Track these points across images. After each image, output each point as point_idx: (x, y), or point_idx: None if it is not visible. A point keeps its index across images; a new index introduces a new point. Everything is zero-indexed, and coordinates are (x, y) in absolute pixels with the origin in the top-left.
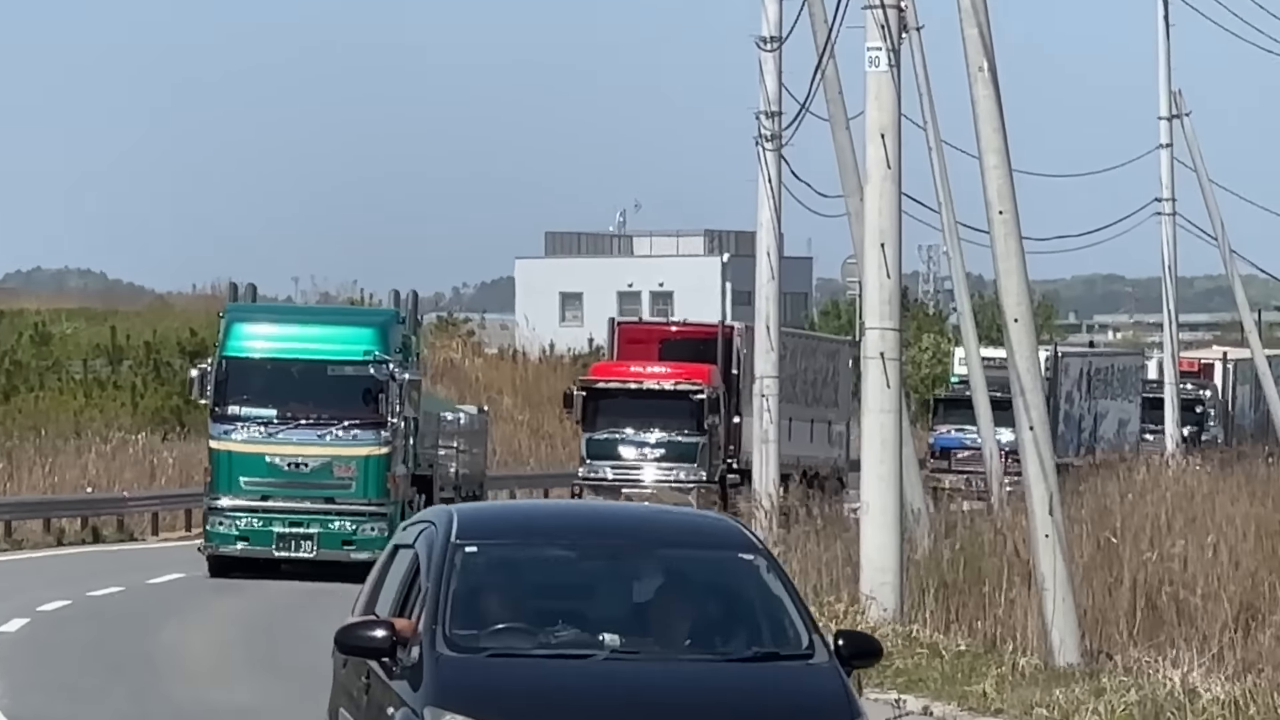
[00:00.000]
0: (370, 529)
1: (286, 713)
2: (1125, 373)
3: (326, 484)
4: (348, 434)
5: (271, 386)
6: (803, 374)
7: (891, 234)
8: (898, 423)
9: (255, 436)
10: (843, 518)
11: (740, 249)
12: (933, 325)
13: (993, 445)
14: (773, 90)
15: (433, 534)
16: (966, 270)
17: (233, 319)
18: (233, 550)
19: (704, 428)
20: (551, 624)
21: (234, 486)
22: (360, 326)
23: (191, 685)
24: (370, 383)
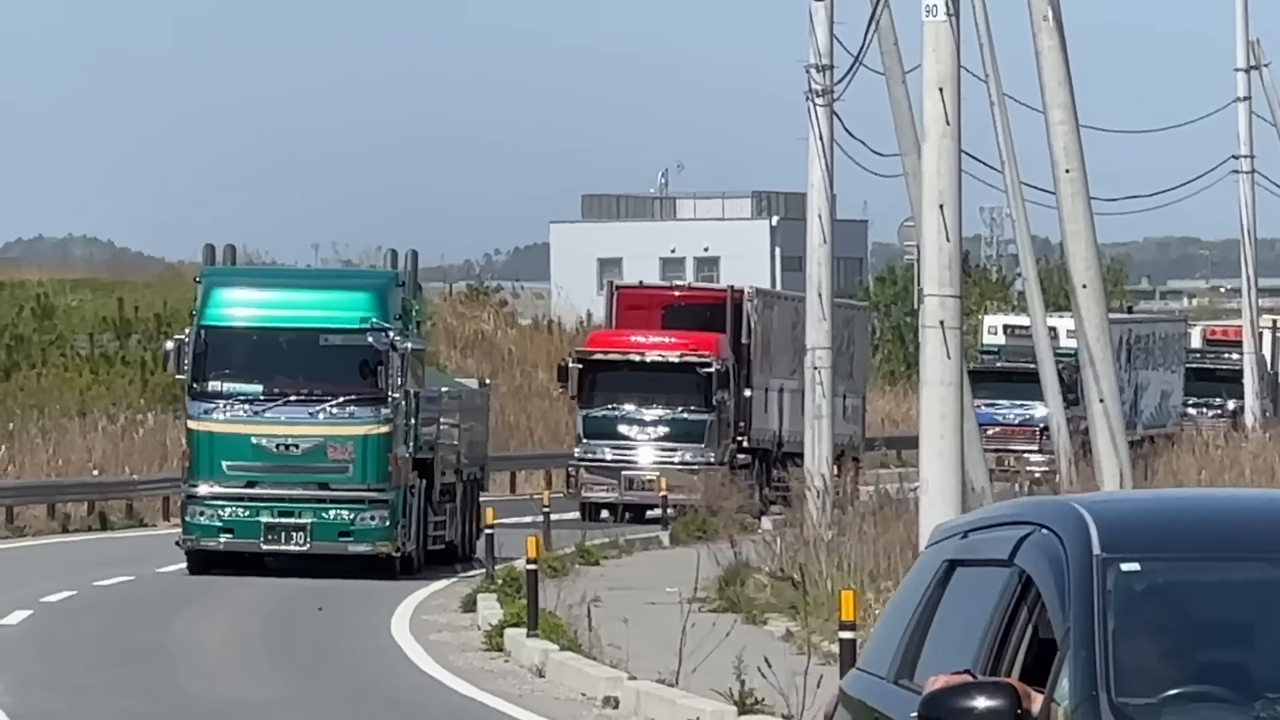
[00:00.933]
0: (370, 518)
1: (303, 706)
2: (1167, 341)
3: (320, 468)
4: (343, 411)
5: (256, 359)
6: None
7: (951, 195)
8: (958, 395)
9: (239, 415)
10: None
11: (790, 211)
12: (996, 292)
13: (1061, 419)
14: (824, 42)
15: (1048, 542)
16: (1031, 233)
17: (211, 284)
18: (214, 544)
19: (712, 404)
20: (1267, 688)
21: (215, 472)
22: (356, 290)
23: (205, 679)
24: (368, 353)
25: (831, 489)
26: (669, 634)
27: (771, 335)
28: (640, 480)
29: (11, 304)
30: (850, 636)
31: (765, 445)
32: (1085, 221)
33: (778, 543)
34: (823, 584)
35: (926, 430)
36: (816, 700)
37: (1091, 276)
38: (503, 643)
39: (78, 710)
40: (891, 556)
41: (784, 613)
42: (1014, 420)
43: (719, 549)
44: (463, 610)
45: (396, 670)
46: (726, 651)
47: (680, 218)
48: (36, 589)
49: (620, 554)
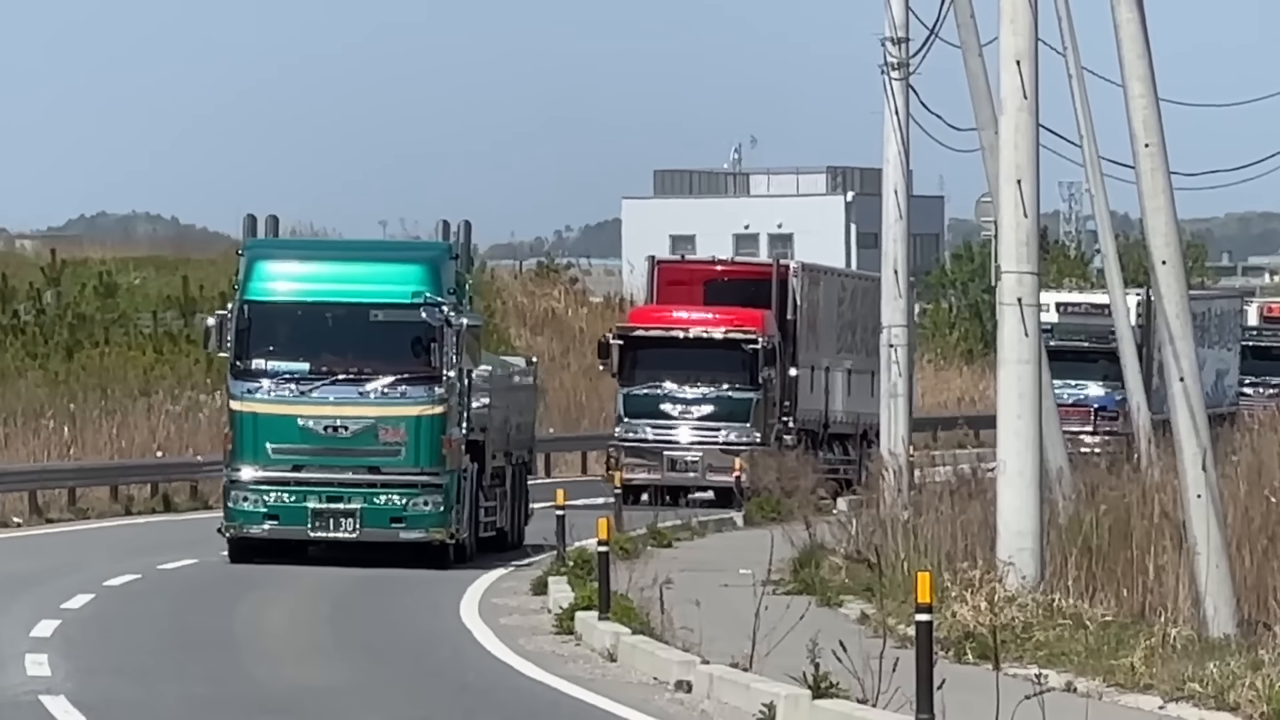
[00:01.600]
0: (423, 504)
1: (371, 691)
2: (1223, 318)
3: (370, 450)
4: (395, 391)
5: (303, 335)
6: (862, 319)
7: (1028, 169)
8: (1036, 374)
9: (285, 395)
10: (979, 478)
11: (865, 187)
12: (1074, 269)
13: (1140, 399)
14: (899, 14)
15: None
16: (1110, 209)
17: (254, 256)
18: (259, 531)
19: (758, 382)
20: None
21: (260, 455)
22: (408, 263)
23: (270, 664)
24: (421, 329)
25: (908, 469)
26: (742, 617)
27: (818, 312)
28: (683, 461)
29: (74, 282)
30: (926, 619)
31: (811, 426)
32: (1165, 197)
33: (853, 524)
34: (899, 566)
35: (1004, 410)
36: (892, 684)
37: (1171, 253)
38: (574, 626)
39: (142, 696)
40: (969, 536)
41: (859, 595)
42: (1067, 400)
43: (793, 530)
44: (533, 593)
45: (466, 654)
46: (801, 634)
47: (754, 193)
48: (99, 572)
49: (693, 535)
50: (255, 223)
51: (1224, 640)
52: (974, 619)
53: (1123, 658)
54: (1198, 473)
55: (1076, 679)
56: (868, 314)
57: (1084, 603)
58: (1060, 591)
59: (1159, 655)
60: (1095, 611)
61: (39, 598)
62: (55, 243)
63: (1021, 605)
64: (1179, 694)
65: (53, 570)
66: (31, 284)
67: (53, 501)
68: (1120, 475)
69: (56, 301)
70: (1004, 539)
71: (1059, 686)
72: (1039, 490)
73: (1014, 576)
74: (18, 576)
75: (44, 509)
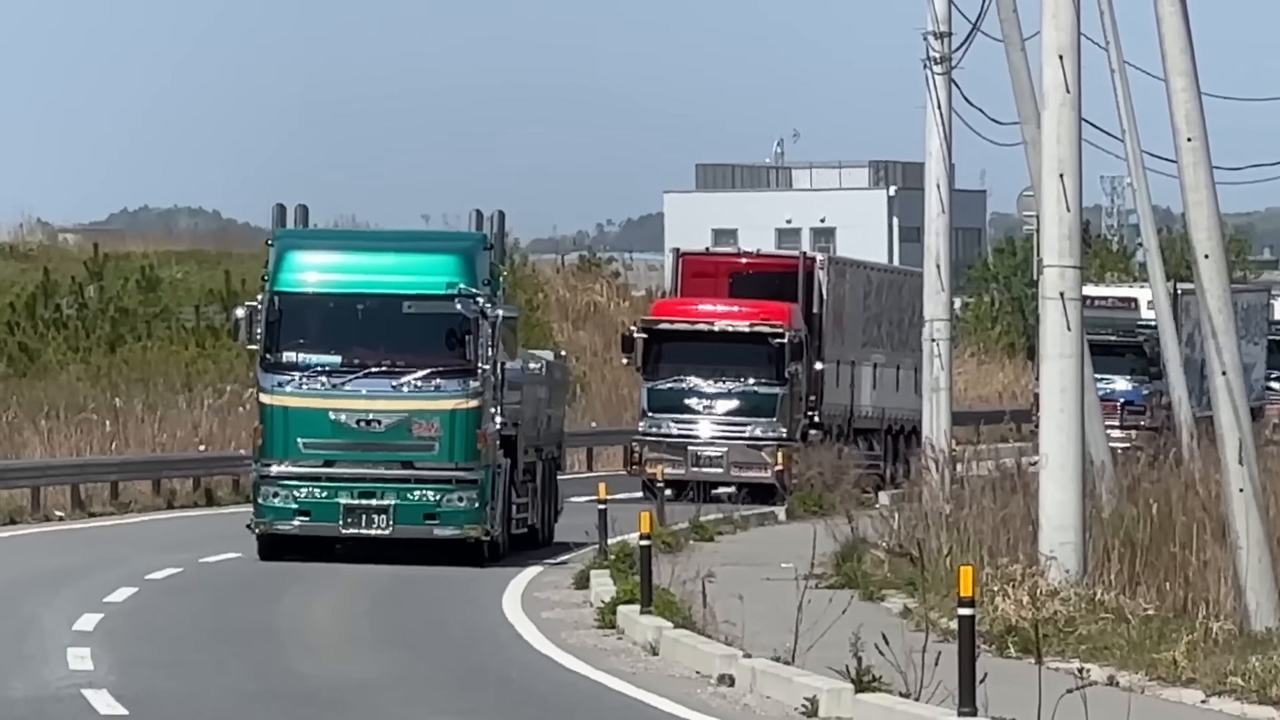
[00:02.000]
0: (457, 499)
1: (413, 685)
2: (1250, 311)
3: (404, 445)
4: (429, 384)
5: (334, 327)
6: (887, 313)
7: (1071, 164)
8: (1078, 368)
9: (316, 389)
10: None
11: (908, 181)
12: (1117, 263)
13: (1182, 392)
14: (941, 9)
15: None
16: (1153, 203)
17: (284, 246)
18: (289, 527)
19: (784, 376)
20: None
21: (290, 450)
22: (441, 253)
23: (313, 658)
24: (455, 321)
25: (951, 462)
26: (785, 610)
27: (844, 305)
28: (707, 456)
29: (116, 276)
30: (969, 613)
31: (836, 420)
32: (1207, 191)
33: (895, 518)
34: (941, 560)
35: (1046, 404)
36: (934, 677)
37: (1214, 246)
38: (615, 620)
39: (184, 689)
40: (1011, 530)
41: (901, 589)
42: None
43: (835, 524)
44: (575, 587)
45: (508, 649)
46: (843, 628)
47: (796, 188)
48: (142, 566)
49: (735, 529)
50: (284, 212)
51: (1266, 634)
52: (1016, 613)
53: (1165, 652)
54: (1239, 467)
55: (1118, 673)
56: (893, 307)
57: (1126, 597)
58: (1102, 585)
59: (1201, 649)
60: (1137, 605)
61: (81, 591)
62: (98, 237)
63: (1064, 599)
64: (1221, 688)
65: (95, 564)
66: (74, 278)
67: (95, 495)
68: (1161, 469)
69: (99, 295)
70: (1046, 533)
71: (1101, 680)
72: (1081, 484)
73: (1056, 570)
74: (61, 570)
75: (86, 503)
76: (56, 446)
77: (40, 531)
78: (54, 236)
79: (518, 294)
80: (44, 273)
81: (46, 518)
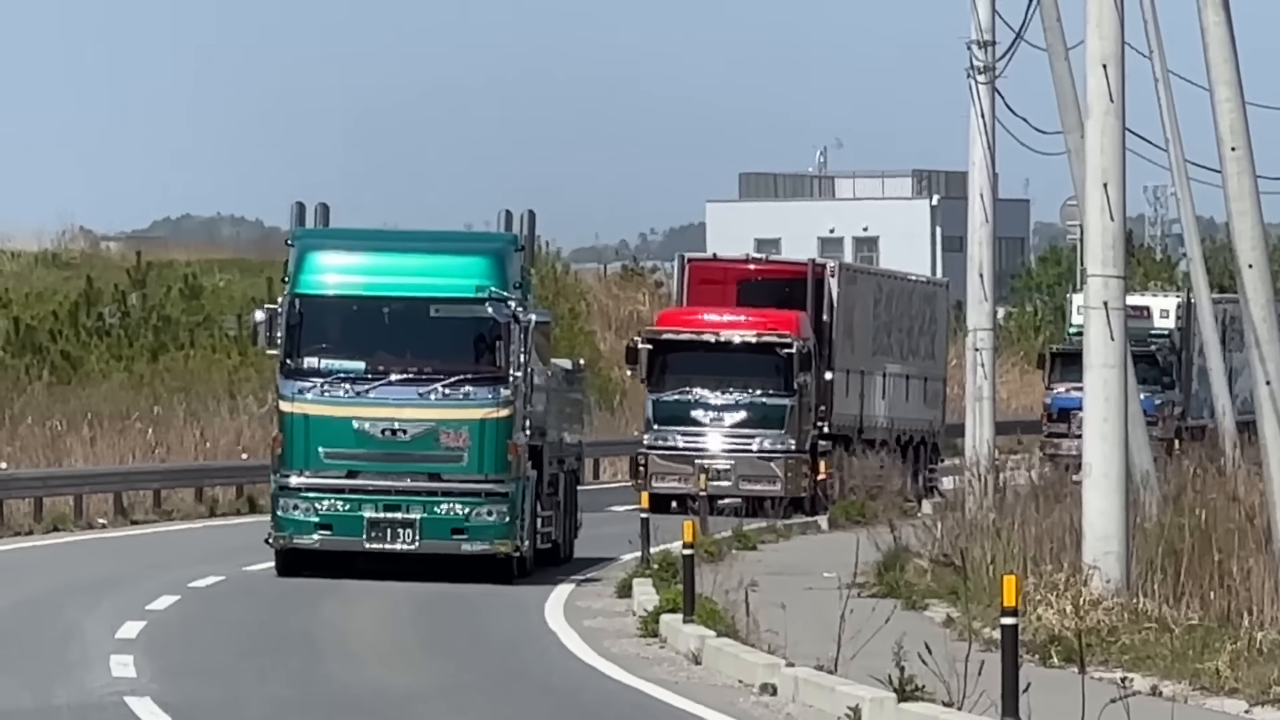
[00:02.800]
0: (487, 513)
1: (456, 694)
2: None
3: (431, 456)
4: (457, 392)
5: (358, 332)
6: (898, 321)
7: (1115, 173)
8: (1122, 378)
9: (338, 396)
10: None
11: (951, 190)
12: (1160, 272)
13: (1226, 402)
14: (985, 18)
15: None
16: (1196, 212)
17: (306, 247)
18: (310, 541)
19: (793, 387)
20: None
21: (312, 460)
22: (471, 255)
23: (355, 666)
24: (485, 326)
25: (991, 472)
26: (827, 620)
27: (854, 313)
28: (714, 469)
29: (159, 284)
30: (1012, 622)
31: (846, 432)
32: (1252, 200)
33: (938, 527)
34: (984, 569)
35: (1090, 413)
36: (977, 687)
37: (1258, 256)
38: (658, 629)
39: (226, 697)
40: (1054, 539)
41: (944, 598)
42: None
43: (878, 533)
44: (618, 596)
45: (550, 657)
46: (886, 638)
47: (839, 197)
48: (184, 574)
49: (778, 538)
50: (304, 211)
51: None
52: (1059, 622)
53: (1208, 661)
54: None
55: (1162, 683)
56: (904, 315)
57: (1169, 606)
58: (1145, 595)
59: (1245, 659)
60: (1181, 615)
61: (124, 599)
62: (140, 245)
63: (1107, 609)
64: (1265, 698)
65: (138, 572)
66: (117, 286)
67: (138, 503)
68: (1205, 478)
69: (141, 304)
70: (1089, 542)
71: (1144, 690)
72: (1124, 493)
73: (1099, 580)
74: (104, 578)
75: (129, 510)
76: (100, 455)
77: (83, 539)
78: (96, 244)
79: (560, 302)
80: (87, 281)
81: (90, 525)
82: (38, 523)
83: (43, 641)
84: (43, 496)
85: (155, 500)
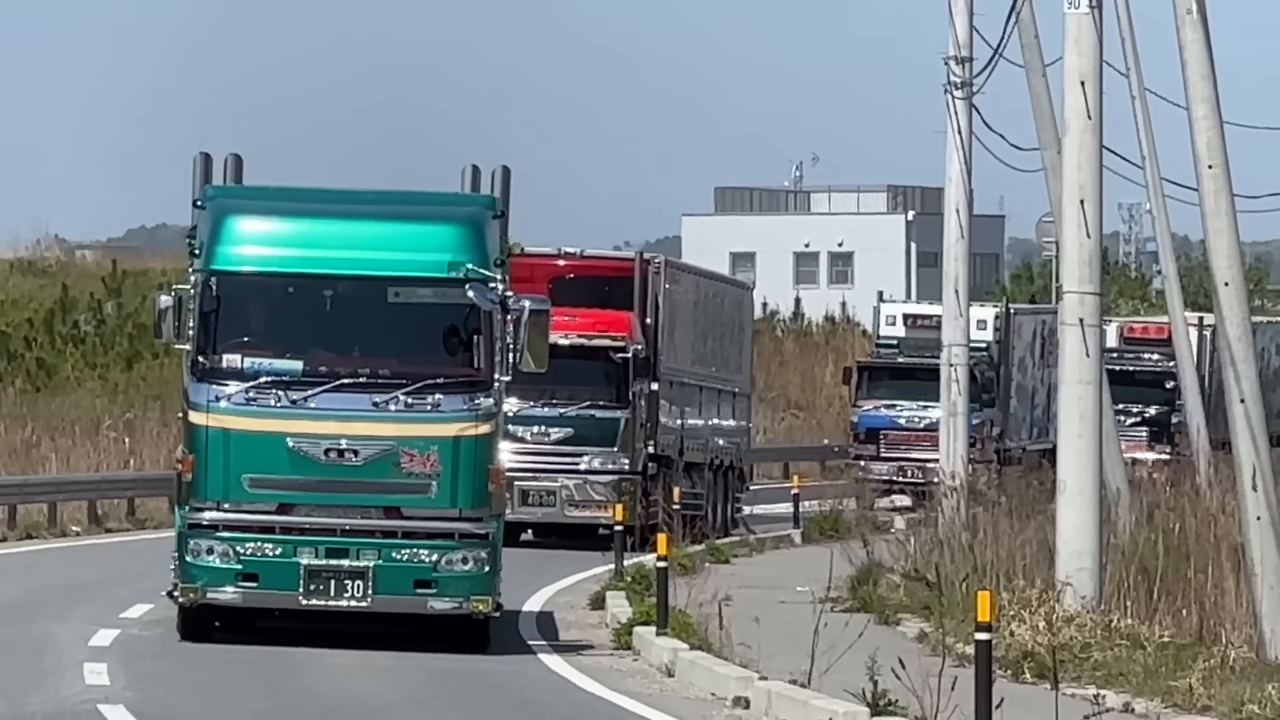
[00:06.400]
0: (461, 561)
1: (430, 706)
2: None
3: (389, 485)
4: (424, 401)
5: (294, 321)
6: (713, 328)
7: (1092, 190)
8: (1098, 395)
9: (268, 406)
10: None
11: (926, 206)
12: (1134, 289)
13: (1200, 420)
14: (963, 34)
15: None
16: (1171, 230)
17: (223, 209)
18: (227, 595)
19: (627, 398)
20: None
21: (232, 490)
22: (441, 221)
23: (328, 677)
24: (460, 315)
25: (967, 489)
26: (801, 633)
27: (676, 316)
28: (536, 493)
29: (134, 293)
30: (986, 638)
31: (668, 452)
32: (1228, 219)
33: (911, 542)
34: (957, 584)
35: (1065, 430)
36: (950, 702)
37: (1234, 274)
38: (631, 641)
39: (199, 707)
40: (1027, 554)
41: (917, 613)
42: (918, 424)
43: (851, 548)
44: (591, 608)
45: (524, 669)
46: (859, 652)
47: (815, 211)
48: (158, 582)
49: (751, 552)
50: (210, 164)
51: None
52: (1032, 638)
53: (1181, 679)
54: (1256, 494)
55: (1134, 699)
56: (717, 321)
57: (1142, 623)
58: (1119, 612)
59: (1217, 676)
60: (1153, 632)
61: (98, 607)
62: (115, 253)
63: (1080, 625)
64: (1237, 715)
65: (112, 580)
66: (92, 294)
67: (112, 511)
68: (1179, 497)
69: (117, 312)
70: (1063, 559)
71: (1117, 707)
72: (1099, 510)
73: (1072, 596)
74: (77, 585)
75: (103, 519)
76: (74, 462)
77: (57, 547)
78: (71, 253)
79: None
80: (62, 289)
81: (63, 533)
82: (11, 530)
83: (16, 649)
84: (16, 504)
85: (129, 508)
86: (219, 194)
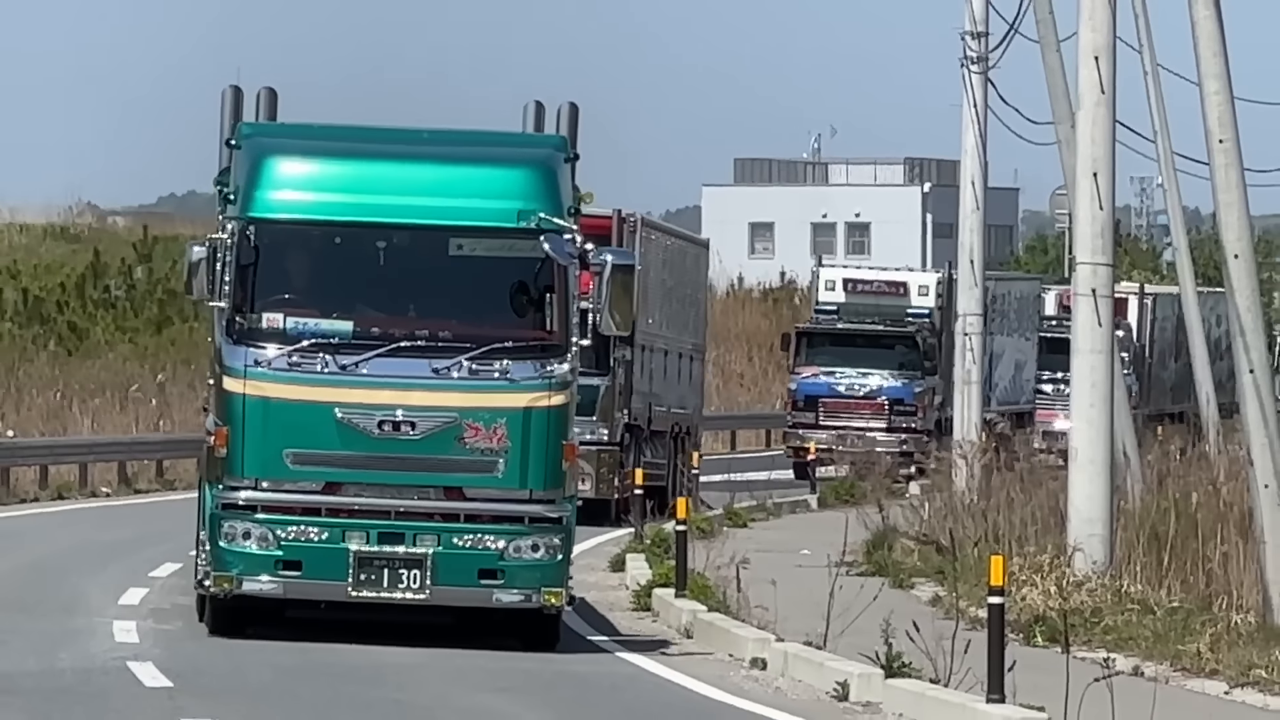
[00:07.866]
0: (531, 548)
1: (454, 665)
2: (1023, 303)
3: (451, 463)
4: (491, 368)
5: (343, 277)
6: (677, 288)
7: (1105, 163)
8: (1109, 364)
9: (314, 373)
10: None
11: (942, 178)
12: (1146, 261)
13: (1209, 388)
14: (979, 9)
15: None
16: (1183, 203)
17: (261, 150)
18: (263, 585)
19: (608, 364)
20: None
21: (272, 466)
22: (510, 165)
23: (354, 637)
24: (531, 271)
25: (979, 455)
26: (817, 597)
27: (648, 278)
28: None
29: (165, 258)
30: (998, 602)
31: (638, 420)
32: (1238, 192)
33: (925, 508)
34: (970, 549)
35: (1077, 398)
36: (963, 664)
37: (1244, 247)
38: (651, 603)
39: (227, 663)
40: (1039, 522)
41: (931, 577)
42: (857, 392)
43: (867, 513)
44: (611, 570)
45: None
46: (873, 615)
47: (832, 183)
48: (186, 542)
49: (768, 516)
50: (241, 98)
51: None
52: (1044, 603)
53: (1189, 643)
54: (1265, 463)
55: (1144, 663)
56: (680, 283)
57: (1151, 588)
58: (1128, 577)
59: (1225, 641)
60: (1162, 597)
61: (128, 566)
62: (146, 219)
63: (1090, 590)
64: (1244, 679)
65: (141, 540)
66: (123, 260)
67: (142, 472)
68: (1189, 464)
69: (147, 277)
70: (1074, 525)
71: (1126, 670)
72: (1109, 477)
73: (1083, 561)
74: (108, 545)
75: (133, 480)
76: (104, 424)
77: (88, 507)
78: (103, 219)
79: None
80: (94, 254)
81: (94, 494)
82: (43, 490)
83: (47, 607)
84: (48, 465)
85: (158, 470)
86: (256, 131)
